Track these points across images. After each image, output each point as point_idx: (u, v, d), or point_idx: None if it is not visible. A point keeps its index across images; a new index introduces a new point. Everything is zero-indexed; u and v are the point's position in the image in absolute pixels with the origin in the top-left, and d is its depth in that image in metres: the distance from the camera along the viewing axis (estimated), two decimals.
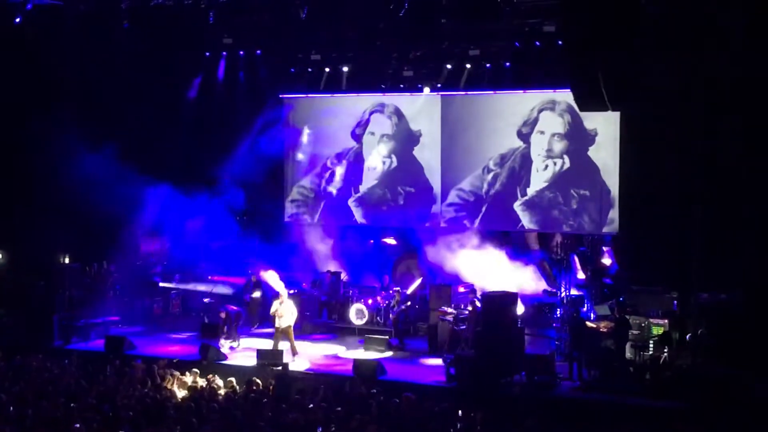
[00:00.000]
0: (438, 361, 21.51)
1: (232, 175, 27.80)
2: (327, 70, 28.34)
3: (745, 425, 16.51)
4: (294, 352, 22.12)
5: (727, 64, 19.52)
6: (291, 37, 26.61)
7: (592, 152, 25.83)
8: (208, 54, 28.56)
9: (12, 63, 25.34)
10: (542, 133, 26.45)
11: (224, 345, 23.27)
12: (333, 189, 28.96)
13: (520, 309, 22.22)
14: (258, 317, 26.07)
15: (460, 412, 16.44)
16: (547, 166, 26.35)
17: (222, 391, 17.95)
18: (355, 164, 28.79)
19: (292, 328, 22.41)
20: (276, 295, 23.16)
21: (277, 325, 22.34)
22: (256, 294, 26.06)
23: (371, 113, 28.61)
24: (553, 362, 20.36)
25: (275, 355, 21.37)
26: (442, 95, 27.60)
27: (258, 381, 18.47)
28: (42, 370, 19.35)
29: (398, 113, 28.33)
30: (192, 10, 24.86)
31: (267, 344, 22.72)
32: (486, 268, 25.17)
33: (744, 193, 20.51)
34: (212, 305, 26.22)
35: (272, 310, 22.57)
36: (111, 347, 22.66)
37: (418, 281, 25.98)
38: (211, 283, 27.10)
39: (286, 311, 22.35)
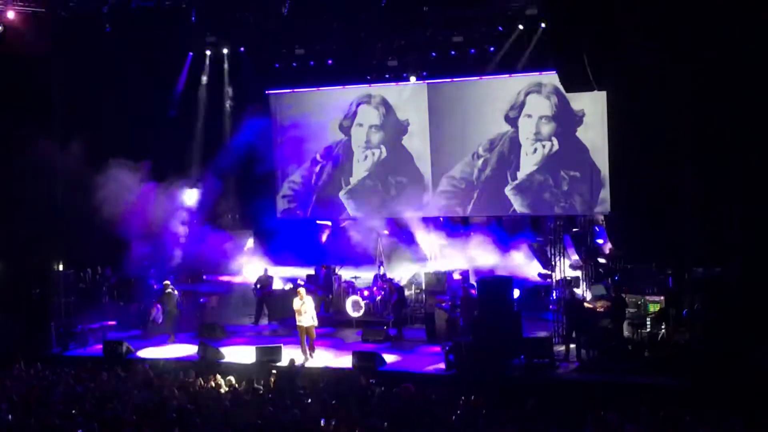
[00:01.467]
0: (436, 349, 21.53)
1: (221, 173, 27.76)
2: (311, 63, 28.34)
3: (743, 399, 16.53)
4: (311, 351, 21.60)
5: (712, 37, 19.49)
6: (274, 33, 26.61)
7: (581, 133, 25.85)
8: (191, 53, 28.50)
9: None
10: (530, 116, 26.45)
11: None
12: (323, 183, 28.96)
13: (515, 293, 22.24)
14: (264, 313, 26.15)
15: (462, 398, 16.44)
16: (536, 149, 26.36)
17: (223, 390, 17.91)
18: (345, 157, 28.77)
19: (314, 329, 21.77)
20: (294, 292, 23.06)
21: (299, 323, 21.68)
22: (267, 289, 26.17)
23: (358, 105, 28.60)
24: (551, 344, 20.39)
25: (274, 351, 21.33)
26: (428, 83, 27.60)
27: (258, 378, 18.42)
28: (41, 377, 19.30)
29: (385, 103, 28.30)
30: (173, 11, 24.80)
31: (264, 342, 22.76)
32: (480, 254, 25.21)
33: (734, 165, 20.49)
34: (208, 305, 26.30)
35: (295, 307, 21.83)
36: (109, 352, 22.66)
37: (413, 271, 25.99)
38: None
39: (309, 308, 21.69)
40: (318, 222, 28.90)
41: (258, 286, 26.23)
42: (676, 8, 18.59)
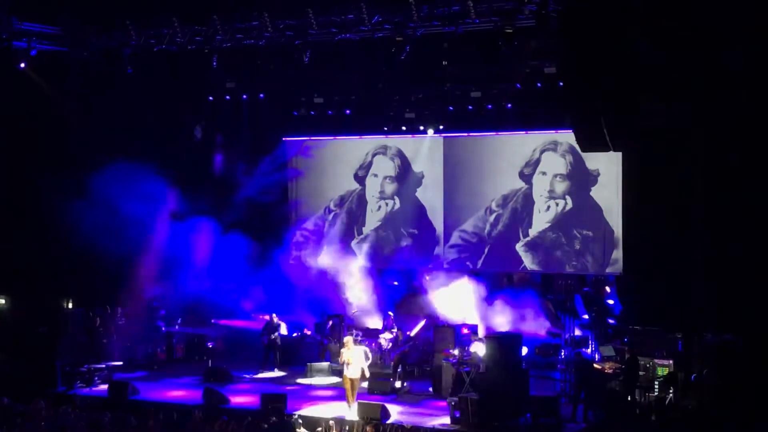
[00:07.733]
0: (442, 404, 21.40)
1: (235, 218, 27.83)
2: (330, 113, 28.49)
3: None
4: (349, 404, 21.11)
5: (728, 100, 19.58)
6: (294, 81, 26.79)
7: (595, 192, 25.87)
8: (211, 98, 28.70)
9: (16, 108, 25.45)
10: (544, 173, 26.51)
11: None
12: (336, 231, 29.01)
13: (524, 350, 22.13)
14: (275, 360, 26.00)
15: None
16: (549, 207, 26.39)
17: None
18: (358, 206, 28.85)
19: (359, 381, 21.35)
20: (340, 340, 22.94)
21: (345, 373, 21.31)
22: (274, 335, 25.96)
23: (374, 155, 28.75)
24: (558, 404, 20.26)
25: (279, 399, 21.22)
26: (444, 137, 27.70)
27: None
28: (45, 416, 19.25)
29: (401, 155, 28.44)
30: (195, 55, 25.03)
31: (270, 389, 22.68)
32: (489, 309, 25.12)
33: (747, 231, 20.49)
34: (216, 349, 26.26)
35: (341, 358, 21.58)
36: (115, 392, 22.61)
37: (421, 323, 25.87)
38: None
39: (355, 359, 21.25)
40: None
41: (265, 332, 26.11)
42: (692, 72, 18.72)
